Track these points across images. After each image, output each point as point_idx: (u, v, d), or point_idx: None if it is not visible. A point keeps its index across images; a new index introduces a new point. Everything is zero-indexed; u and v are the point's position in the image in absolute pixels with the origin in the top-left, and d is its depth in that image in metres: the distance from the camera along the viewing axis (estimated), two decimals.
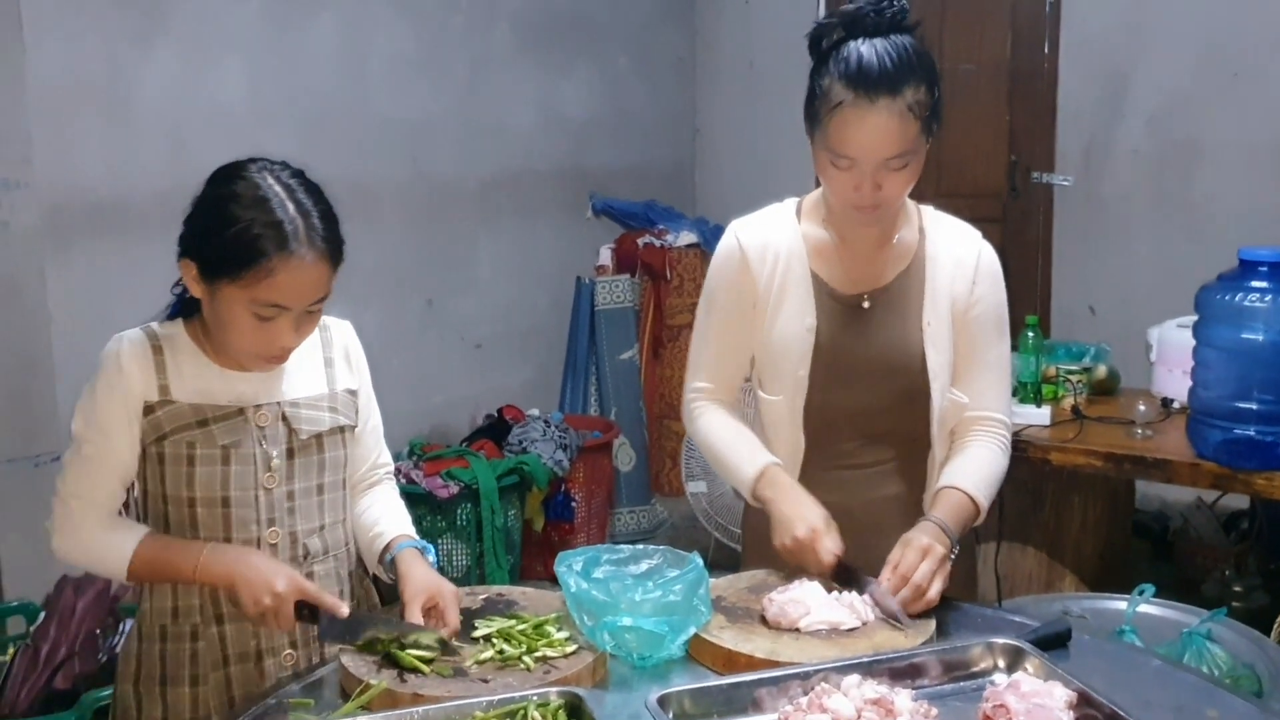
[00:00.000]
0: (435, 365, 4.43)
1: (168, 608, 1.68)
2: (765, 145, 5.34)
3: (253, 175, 1.57)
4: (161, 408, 1.63)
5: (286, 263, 1.53)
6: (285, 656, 1.71)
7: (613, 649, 1.55)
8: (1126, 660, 1.65)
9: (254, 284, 1.53)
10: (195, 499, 1.64)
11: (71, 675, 2.56)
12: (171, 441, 1.63)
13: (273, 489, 1.68)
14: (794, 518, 1.74)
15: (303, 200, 1.57)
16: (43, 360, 3.06)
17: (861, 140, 1.69)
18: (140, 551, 1.61)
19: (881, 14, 1.71)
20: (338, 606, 1.57)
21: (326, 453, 1.73)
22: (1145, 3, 4.44)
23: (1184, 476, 2.79)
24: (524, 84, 4.72)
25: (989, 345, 1.89)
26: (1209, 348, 2.72)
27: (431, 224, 4.37)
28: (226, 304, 1.56)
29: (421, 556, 1.73)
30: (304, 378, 1.73)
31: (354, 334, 1.83)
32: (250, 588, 1.56)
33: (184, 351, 1.66)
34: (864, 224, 1.83)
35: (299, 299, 1.57)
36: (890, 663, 1.47)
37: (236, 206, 1.54)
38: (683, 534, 4.68)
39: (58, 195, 3.13)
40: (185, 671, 1.67)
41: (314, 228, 1.56)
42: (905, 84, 1.68)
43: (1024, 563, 3.17)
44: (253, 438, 1.66)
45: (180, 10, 3.44)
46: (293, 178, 1.60)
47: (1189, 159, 4.40)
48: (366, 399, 1.82)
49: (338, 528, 1.77)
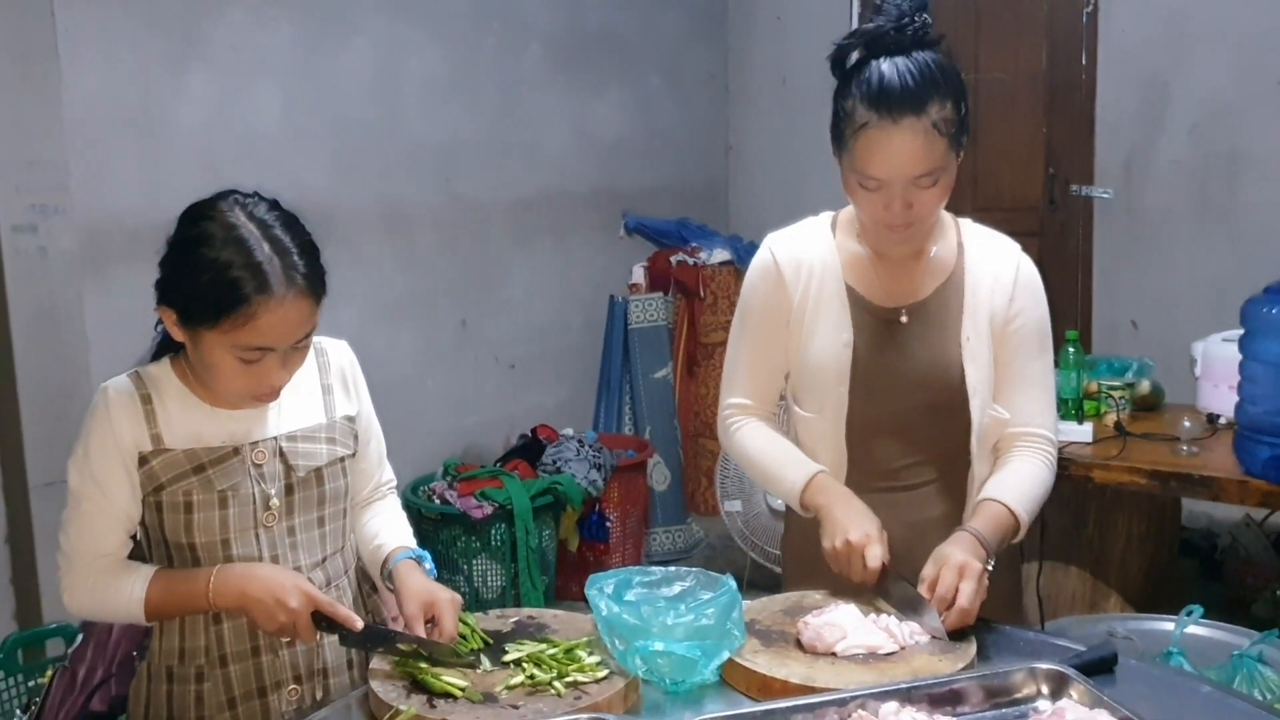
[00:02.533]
0: (469, 386, 4.43)
1: (175, 649, 1.67)
2: (798, 162, 5.31)
3: (225, 214, 1.52)
4: (155, 457, 1.59)
5: (266, 304, 1.48)
6: (290, 692, 1.69)
7: (645, 674, 1.52)
8: (1175, 686, 1.60)
9: (235, 330, 1.48)
10: (196, 544, 1.62)
11: (108, 698, 2.56)
12: (169, 491, 1.60)
13: (272, 526, 1.65)
14: (847, 522, 1.71)
15: (279, 236, 1.52)
16: (80, 385, 3.08)
17: (887, 161, 1.67)
18: (151, 593, 1.59)
19: (903, 31, 1.68)
20: (351, 620, 1.56)
21: (326, 485, 1.70)
22: (1184, 11, 4.38)
23: (1232, 494, 2.73)
24: (556, 104, 4.74)
25: (1030, 360, 1.85)
26: (1255, 362, 2.66)
27: (465, 245, 4.38)
28: (209, 350, 1.52)
29: (418, 566, 1.71)
30: (300, 409, 1.69)
31: (351, 354, 1.79)
32: (264, 608, 1.54)
33: (172, 395, 1.62)
34: (897, 244, 1.80)
35: (283, 339, 1.52)
36: (930, 689, 1.43)
37: (210, 250, 1.48)
38: (719, 554, 4.65)
39: (94, 221, 3.16)
40: (191, 714, 1.66)
41: (292, 265, 1.50)
42: (929, 101, 1.65)
43: (1067, 583, 3.10)
44: (250, 477, 1.63)
45: (215, 36, 3.48)
46: (268, 212, 1.54)
47: (1232, 169, 4.33)
48: (367, 421, 1.79)
49: (338, 557, 1.76)
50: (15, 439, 3.00)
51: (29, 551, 3.02)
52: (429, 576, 1.70)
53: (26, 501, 3.00)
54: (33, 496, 3.00)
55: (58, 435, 3.07)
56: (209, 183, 3.45)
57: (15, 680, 2.51)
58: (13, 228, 2.93)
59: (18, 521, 3.03)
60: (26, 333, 2.98)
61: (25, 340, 2.98)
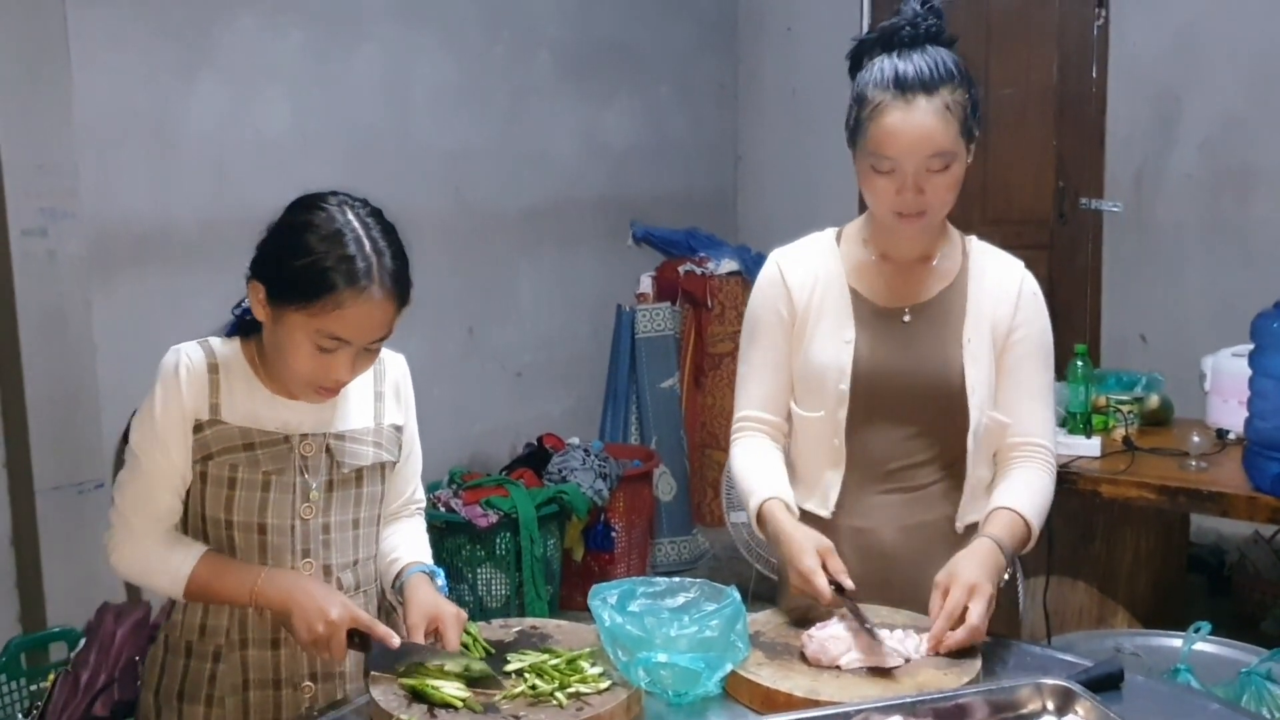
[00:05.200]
0: (476, 394, 4.42)
1: (196, 624, 1.68)
2: (808, 172, 5.31)
3: (332, 209, 1.58)
4: (210, 427, 1.63)
5: (356, 298, 1.54)
6: (304, 688, 1.70)
7: (648, 685, 1.51)
8: (1182, 703, 1.59)
9: (321, 315, 1.54)
10: (234, 522, 1.64)
11: (110, 702, 2.56)
12: (215, 463, 1.63)
13: (309, 519, 1.68)
14: (790, 560, 1.72)
15: (378, 239, 1.58)
16: (87, 389, 3.09)
17: (901, 138, 1.70)
18: (199, 571, 1.61)
19: (917, 28, 1.74)
20: (390, 636, 1.56)
21: (365, 487, 1.73)
22: (1196, 25, 4.37)
23: (1240, 510, 2.71)
24: (565, 113, 4.74)
25: (1033, 372, 1.86)
26: (1265, 377, 2.65)
27: (473, 253, 4.38)
28: (289, 330, 1.57)
29: (429, 581, 1.72)
30: (352, 410, 1.73)
31: (406, 369, 1.84)
32: (305, 614, 1.56)
33: (238, 373, 1.66)
34: (909, 234, 1.81)
35: (362, 335, 1.58)
36: (934, 703, 1.42)
37: (313, 236, 1.55)
38: (725, 565, 4.63)
39: (103, 225, 3.17)
40: (203, 691, 1.67)
41: (385, 267, 1.57)
42: (941, 85, 1.71)
43: (1074, 598, 3.09)
44: (295, 466, 1.66)
45: (225, 42, 3.49)
46: (370, 215, 1.61)
47: (1243, 184, 4.32)
48: (411, 436, 1.83)
49: (369, 563, 1.77)
50: (22, 442, 3.00)
51: (34, 555, 3.03)
52: (440, 593, 1.71)
53: (32, 505, 3.00)
54: (39, 500, 3.00)
55: (64, 439, 3.07)
56: (218, 189, 3.51)
57: (18, 684, 2.51)
58: (22, 231, 2.94)
59: (23, 525, 3.03)
60: (35, 336, 2.98)
61: (33, 344, 2.98)
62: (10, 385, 2.98)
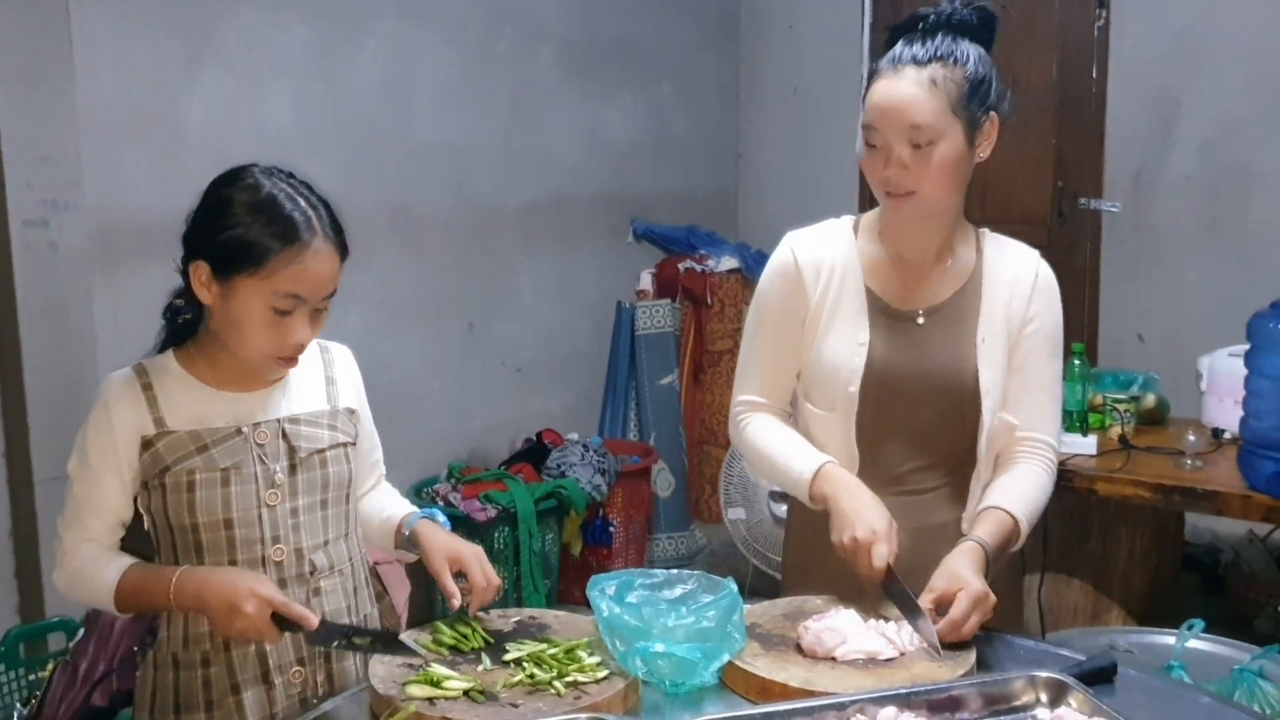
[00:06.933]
0: (475, 389, 4.43)
1: (180, 636, 1.68)
2: (809, 171, 5.32)
3: (259, 176, 1.61)
4: (159, 440, 1.62)
5: (304, 251, 1.57)
6: (294, 674, 1.70)
7: (645, 675, 1.52)
8: (1174, 697, 1.60)
9: (272, 275, 1.56)
10: (198, 524, 1.63)
11: (109, 692, 2.56)
12: (173, 473, 1.62)
13: (275, 505, 1.67)
14: (854, 517, 1.70)
15: (308, 195, 1.63)
16: (87, 380, 3.09)
17: (882, 106, 1.72)
18: (121, 584, 1.61)
19: (941, 16, 1.77)
20: (306, 617, 1.55)
21: (330, 468, 1.73)
22: (1196, 26, 4.38)
23: (1235, 509, 2.72)
24: (567, 110, 4.75)
25: (1042, 365, 1.86)
26: (1261, 377, 2.66)
27: (473, 249, 4.39)
28: (243, 301, 1.58)
29: (436, 524, 1.77)
30: (304, 394, 1.74)
31: (353, 360, 1.85)
32: (217, 615, 1.54)
33: (175, 381, 1.66)
34: (898, 216, 1.81)
35: (316, 289, 1.60)
36: (929, 695, 1.43)
37: (249, 203, 1.58)
38: (722, 561, 4.64)
39: (106, 218, 3.18)
40: (199, 699, 1.66)
41: (324, 218, 1.61)
42: (935, 59, 1.72)
43: (1069, 595, 3.10)
44: (253, 456, 1.66)
45: (228, 37, 3.49)
46: (290, 178, 1.64)
47: (1242, 185, 4.33)
48: (367, 422, 1.84)
49: (341, 543, 1.77)
50: (21, 433, 3.01)
51: (33, 546, 3.03)
52: (448, 532, 1.76)
53: (31, 495, 3.01)
54: (38, 491, 3.01)
55: (63, 430, 3.07)
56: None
57: (16, 674, 2.52)
58: (24, 222, 2.94)
59: (22, 515, 3.04)
60: (35, 327, 2.99)
61: (33, 335, 2.98)
62: (10, 376, 2.99)
